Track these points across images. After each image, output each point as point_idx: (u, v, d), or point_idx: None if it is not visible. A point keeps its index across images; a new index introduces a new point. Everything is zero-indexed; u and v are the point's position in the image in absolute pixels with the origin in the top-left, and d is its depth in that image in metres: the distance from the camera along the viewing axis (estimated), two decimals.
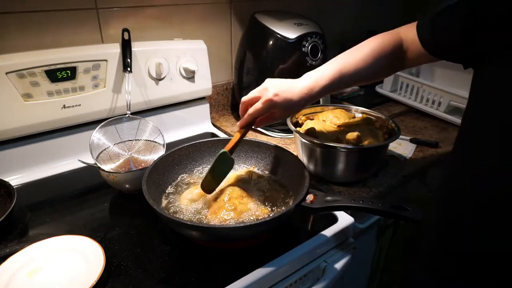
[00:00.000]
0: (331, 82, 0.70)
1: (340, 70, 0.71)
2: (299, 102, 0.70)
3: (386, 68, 0.77)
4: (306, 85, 0.70)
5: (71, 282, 0.60)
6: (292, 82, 0.71)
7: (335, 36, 1.41)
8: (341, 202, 0.66)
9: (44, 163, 0.93)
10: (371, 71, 0.74)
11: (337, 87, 0.72)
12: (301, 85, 0.70)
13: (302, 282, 0.71)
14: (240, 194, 0.73)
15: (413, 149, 1.06)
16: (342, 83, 0.72)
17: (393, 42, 0.74)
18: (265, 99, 0.69)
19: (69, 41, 0.94)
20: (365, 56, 0.73)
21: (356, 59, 0.72)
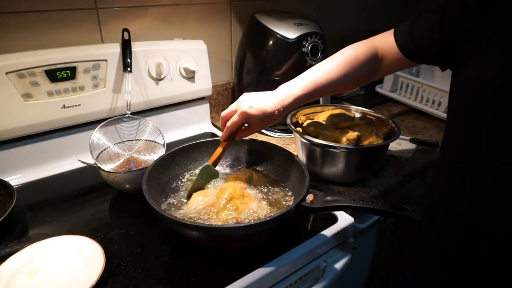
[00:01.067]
0: (305, 93, 0.72)
1: (314, 81, 0.73)
2: (273, 113, 0.71)
3: (361, 76, 0.78)
4: (280, 97, 0.72)
5: (71, 282, 0.60)
6: (267, 94, 0.73)
7: (335, 36, 1.41)
8: (341, 202, 0.66)
9: (44, 163, 0.93)
10: (346, 79, 0.75)
11: (311, 97, 0.74)
12: (275, 96, 0.72)
13: (302, 282, 0.71)
14: (241, 194, 0.73)
15: (413, 149, 1.06)
16: (317, 93, 0.74)
17: (368, 51, 0.76)
18: (240, 111, 0.72)
19: (69, 41, 0.94)
20: (339, 65, 0.75)
21: (329, 69, 0.74)
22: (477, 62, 0.57)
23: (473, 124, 0.60)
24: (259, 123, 0.73)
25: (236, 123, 0.73)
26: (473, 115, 0.59)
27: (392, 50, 0.74)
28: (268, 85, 1.08)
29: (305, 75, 0.75)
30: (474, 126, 0.60)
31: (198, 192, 0.77)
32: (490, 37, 0.55)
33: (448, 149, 0.67)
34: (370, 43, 0.77)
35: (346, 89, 0.84)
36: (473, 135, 0.60)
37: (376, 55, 0.77)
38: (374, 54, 0.76)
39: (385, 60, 0.76)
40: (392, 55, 0.75)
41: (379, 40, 0.77)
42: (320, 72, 0.74)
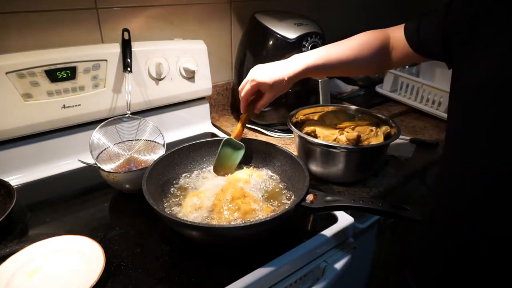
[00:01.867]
0: (314, 64, 0.75)
1: (324, 55, 0.76)
2: (282, 79, 0.74)
3: (371, 62, 0.80)
4: (289, 64, 0.75)
5: (71, 282, 0.60)
6: (277, 62, 0.77)
7: (335, 36, 1.40)
8: (341, 202, 0.66)
9: (44, 163, 0.93)
10: (356, 61, 0.78)
11: (320, 71, 0.77)
12: (284, 64, 0.76)
13: (302, 282, 0.71)
14: (242, 193, 0.73)
15: (413, 149, 1.06)
16: (326, 68, 0.76)
17: (381, 38, 0.78)
18: (249, 79, 0.76)
19: (69, 41, 0.94)
20: (351, 46, 0.78)
21: (342, 48, 0.78)
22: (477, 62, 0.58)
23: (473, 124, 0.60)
24: (270, 90, 0.75)
25: (248, 91, 0.76)
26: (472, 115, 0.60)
27: (402, 43, 0.76)
28: None
29: (318, 49, 0.78)
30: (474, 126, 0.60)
31: (193, 193, 0.77)
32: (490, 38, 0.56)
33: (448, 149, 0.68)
34: (384, 33, 0.80)
35: (355, 72, 0.89)
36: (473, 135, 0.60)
37: (388, 44, 0.79)
38: (386, 43, 0.78)
39: (395, 51, 0.78)
40: (402, 48, 0.77)
41: (392, 31, 0.79)
42: (333, 49, 0.78)
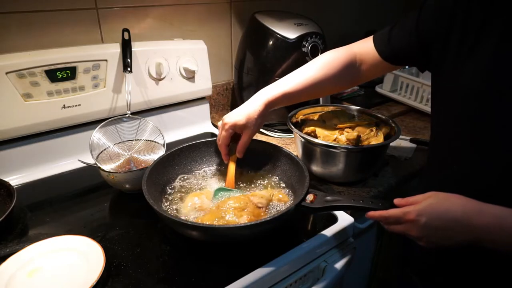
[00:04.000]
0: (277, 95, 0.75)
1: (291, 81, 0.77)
2: (254, 113, 0.74)
3: (340, 79, 0.80)
4: (253, 99, 0.76)
5: (71, 282, 0.60)
6: (245, 103, 0.77)
7: (335, 36, 1.41)
8: (341, 202, 0.66)
9: (44, 163, 0.93)
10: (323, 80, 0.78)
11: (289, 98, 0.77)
12: (248, 101, 0.76)
13: (302, 282, 0.71)
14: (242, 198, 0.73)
15: (413, 149, 1.06)
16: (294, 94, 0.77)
17: (345, 54, 0.79)
18: (222, 125, 0.77)
19: (69, 41, 0.94)
20: (316, 67, 0.78)
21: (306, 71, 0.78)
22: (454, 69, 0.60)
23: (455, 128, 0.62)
24: (245, 128, 0.75)
25: (225, 136, 0.77)
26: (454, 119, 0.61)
27: (371, 54, 0.77)
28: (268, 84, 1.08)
29: (282, 79, 0.79)
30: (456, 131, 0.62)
31: (194, 194, 0.77)
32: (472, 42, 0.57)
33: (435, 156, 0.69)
34: (348, 49, 0.80)
35: (325, 92, 0.88)
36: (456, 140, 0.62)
37: (354, 59, 0.79)
38: (352, 59, 0.79)
39: (364, 65, 0.79)
40: (371, 60, 0.77)
41: (358, 46, 0.80)
42: (296, 75, 0.78)
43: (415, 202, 0.56)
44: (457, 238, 0.52)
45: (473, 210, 0.52)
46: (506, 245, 0.50)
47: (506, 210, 0.50)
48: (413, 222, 0.54)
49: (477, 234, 0.51)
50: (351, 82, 0.83)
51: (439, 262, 0.70)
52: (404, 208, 0.56)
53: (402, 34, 0.71)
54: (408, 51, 0.70)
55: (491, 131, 0.57)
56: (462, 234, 0.52)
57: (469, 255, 0.62)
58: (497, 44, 0.54)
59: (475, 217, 0.51)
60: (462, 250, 0.54)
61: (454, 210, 0.52)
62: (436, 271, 0.71)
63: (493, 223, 0.50)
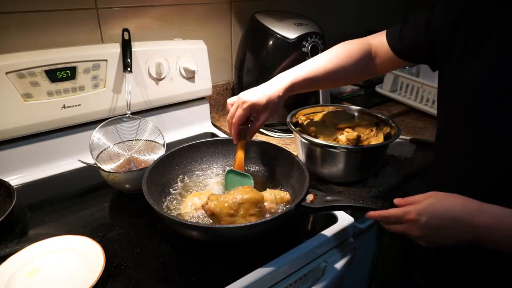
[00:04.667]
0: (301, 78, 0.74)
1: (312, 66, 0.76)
2: (275, 96, 0.71)
3: (355, 70, 0.80)
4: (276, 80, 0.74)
5: (71, 282, 0.60)
6: (263, 84, 0.74)
7: (335, 36, 1.40)
8: (341, 202, 0.66)
9: (44, 163, 0.93)
10: (340, 71, 0.77)
11: (309, 83, 0.76)
12: (272, 82, 0.74)
13: (302, 282, 0.71)
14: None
15: (413, 149, 1.06)
16: (314, 79, 0.75)
17: (361, 47, 0.79)
18: (240, 103, 0.72)
19: (69, 41, 0.94)
20: (334, 56, 0.77)
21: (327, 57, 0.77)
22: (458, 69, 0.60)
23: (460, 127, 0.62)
24: (264, 110, 0.72)
25: (241, 115, 0.72)
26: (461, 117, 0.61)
27: (385, 49, 0.77)
28: None
29: (302, 64, 0.77)
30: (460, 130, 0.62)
31: (194, 193, 0.77)
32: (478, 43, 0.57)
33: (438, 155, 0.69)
34: (364, 40, 0.80)
35: (341, 82, 0.87)
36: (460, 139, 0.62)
37: (370, 52, 0.79)
38: (368, 51, 0.79)
39: (378, 58, 0.79)
40: (384, 54, 0.78)
41: (373, 38, 0.80)
42: (317, 60, 0.77)
43: (415, 202, 0.56)
44: (457, 237, 0.52)
45: (474, 210, 0.52)
46: (506, 245, 0.50)
47: (506, 210, 0.50)
48: (413, 222, 0.54)
49: (477, 234, 0.51)
50: (367, 74, 0.83)
51: (439, 262, 0.70)
52: (404, 208, 0.56)
53: (412, 32, 0.71)
54: (417, 49, 0.71)
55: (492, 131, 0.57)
56: (462, 233, 0.52)
57: (469, 255, 0.62)
58: (501, 45, 0.55)
59: (475, 217, 0.51)
60: (462, 250, 0.54)
61: (454, 210, 0.52)
62: (436, 271, 0.71)
63: (493, 223, 0.50)
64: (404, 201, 0.57)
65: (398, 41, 0.74)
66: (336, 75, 0.77)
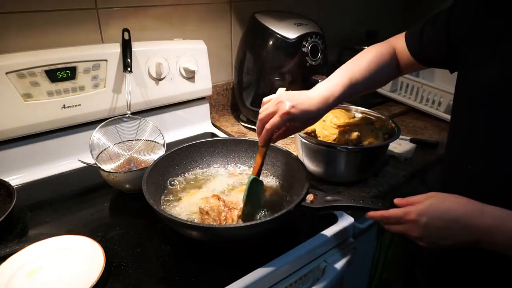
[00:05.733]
0: (344, 90, 0.70)
1: (350, 78, 0.71)
2: (317, 113, 0.67)
3: (386, 75, 0.79)
4: (322, 95, 0.68)
5: (71, 282, 0.60)
6: (307, 93, 0.69)
7: (335, 36, 1.41)
8: (341, 202, 0.66)
9: (44, 163, 0.93)
10: (376, 78, 0.76)
11: (349, 95, 0.72)
12: (317, 95, 0.68)
13: (302, 282, 0.71)
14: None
15: (413, 149, 1.06)
16: (354, 90, 0.72)
17: (388, 51, 0.77)
18: (282, 112, 0.64)
19: (69, 41, 0.94)
20: (369, 63, 0.74)
21: (361, 67, 0.73)
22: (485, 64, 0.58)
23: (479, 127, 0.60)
24: (302, 124, 0.69)
25: (277, 124, 0.65)
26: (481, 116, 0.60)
27: (405, 52, 0.76)
28: (268, 85, 1.08)
29: (340, 72, 0.73)
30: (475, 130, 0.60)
31: (193, 192, 0.77)
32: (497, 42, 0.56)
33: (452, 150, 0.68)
34: (389, 44, 0.79)
35: (376, 87, 0.84)
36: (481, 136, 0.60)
37: (395, 55, 0.78)
38: (394, 54, 0.78)
39: (402, 61, 0.78)
40: (405, 57, 0.76)
41: (396, 41, 0.79)
42: (354, 70, 0.73)
43: (415, 202, 0.56)
44: (457, 238, 0.52)
45: (474, 211, 0.52)
46: (506, 247, 0.50)
47: (507, 212, 0.50)
48: (413, 222, 0.54)
49: (477, 235, 0.51)
50: (393, 77, 0.82)
51: (439, 262, 0.70)
52: (405, 208, 0.56)
53: (433, 32, 0.70)
54: (439, 49, 0.69)
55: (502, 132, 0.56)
56: (462, 234, 0.52)
57: (469, 255, 0.62)
58: None
59: (476, 218, 0.51)
60: (462, 251, 0.54)
61: (455, 210, 0.52)
62: (436, 271, 0.71)
63: (493, 224, 0.50)
64: (404, 201, 0.57)
65: (418, 44, 0.73)
66: (371, 82, 0.75)
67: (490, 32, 0.58)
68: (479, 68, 0.59)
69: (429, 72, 1.34)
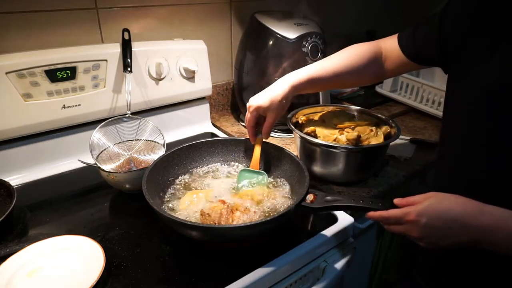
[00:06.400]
0: (303, 79, 0.76)
1: (319, 68, 0.78)
2: (279, 97, 0.75)
3: (365, 73, 0.81)
4: (283, 81, 0.76)
5: (71, 282, 0.60)
6: (270, 86, 0.78)
7: (335, 36, 1.40)
8: (341, 202, 0.66)
9: (44, 163, 0.93)
10: (349, 72, 0.78)
11: (314, 85, 0.78)
12: (278, 82, 0.77)
13: (302, 282, 0.71)
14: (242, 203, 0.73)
15: (413, 149, 1.06)
16: (319, 80, 0.77)
17: (372, 49, 0.79)
18: (248, 108, 0.78)
19: (69, 41, 0.94)
20: (345, 57, 0.79)
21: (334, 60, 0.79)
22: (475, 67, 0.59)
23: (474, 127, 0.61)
24: (269, 111, 0.76)
25: (250, 118, 0.78)
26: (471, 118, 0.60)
27: (396, 52, 0.77)
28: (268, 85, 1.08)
29: (311, 65, 0.80)
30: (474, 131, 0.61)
31: (193, 192, 0.77)
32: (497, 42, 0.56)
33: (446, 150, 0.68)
34: (375, 44, 0.80)
35: (348, 84, 0.89)
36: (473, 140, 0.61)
37: (380, 55, 0.79)
38: (379, 54, 0.79)
39: (389, 61, 0.79)
40: (395, 57, 0.78)
41: (384, 42, 0.80)
42: (325, 62, 0.79)
43: (415, 202, 0.56)
44: (456, 238, 0.52)
45: (474, 211, 0.52)
46: (506, 247, 0.50)
47: (506, 211, 0.50)
48: (413, 223, 0.54)
49: (477, 235, 0.51)
50: (374, 77, 0.84)
51: (439, 262, 0.70)
52: (404, 209, 0.56)
53: (425, 34, 0.71)
54: (430, 51, 0.71)
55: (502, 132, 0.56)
56: (462, 234, 0.52)
57: (469, 255, 0.62)
58: None
59: (475, 218, 0.51)
60: (462, 251, 0.54)
61: (454, 211, 0.52)
62: (436, 271, 0.71)
63: (493, 224, 0.50)
64: (404, 201, 0.57)
65: (411, 44, 0.74)
66: (345, 76, 0.79)
67: (490, 32, 0.58)
68: (479, 68, 0.59)
69: (429, 72, 1.34)
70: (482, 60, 0.58)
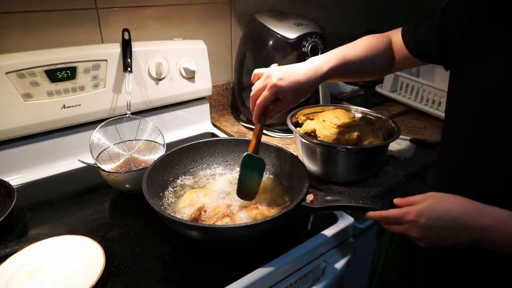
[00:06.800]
0: (336, 65, 0.70)
1: (343, 55, 0.73)
2: (307, 83, 0.67)
3: (380, 64, 0.80)
4: (312, 66, 0.69)
5: (71, 282, 0.60)
6: (296, 65, 0.70)
7: (335, 36, 1.40)
8: (341, 202, 0.66)
9: (44, 163, 0.93)
10: (369, 63, 0.77)
11: (341, 73, 0.73)
12: (306, 67, 0.69)
13: (302, 282, 0.71)
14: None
15: (413, 149, 1.06)
16: (346, 69, 0.73)
17: (385, 41, 0.79)
18: (270, 85, 0.65)
19: (69, 41, 0.94)
20: (365, 47, 0.76)
21: (356, 49, 0.76)
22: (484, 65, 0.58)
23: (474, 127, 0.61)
24: (292, 96, 0.68)
25: (267, 98, 0.66)
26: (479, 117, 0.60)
27: (401, 46, 0.77)
28: None
29: (335, 50, 0.74)
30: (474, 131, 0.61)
31: (193, 190, 0.77)
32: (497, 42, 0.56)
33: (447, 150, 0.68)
34: (387, 35, 0.80)
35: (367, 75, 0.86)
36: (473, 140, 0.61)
37: (391, 47, 0.79)
38: (390, 46, 0.79)
39: (397, 55, 0.79)
40: (401, 52, 0.77)
41: (393, 34, 0.80)
42: (349, 48, 0.75)
43: (415, 202, 0.56)
44: (456, 238, 0.52)
45: (473, 211, 0.52)
46: (505, 247, 0.50)
47: (505, 212, 0.50)
48: (412, 223, 0.54)
49: (476, 235, 0.51)
50: (387, 69, 0.83)
51: (439, 262, 0.70)
52: (404, 209, 0.56)
53: (425, 34, 0.71)
54: (431, 50, 0.71)
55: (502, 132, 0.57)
56: (461, 234, 0.52)
57: (469, 255, 0.62)
58: None
59: (475, 218, 0.51)
60: (462, 251, 0.54)
61: (453, 211, 0.52)
62: (436, 271, 0.71)
63: (492, 224, 0.50)
64: (404, 201, 0.57)
65: (413, 39, 0.74)
66: (366, 67, 0.77)
67: (490, 32, 0.58)
68: (479, 68, 0.59)
69: (429, 72, 1.34)
70: (482, 60, 0.58)
